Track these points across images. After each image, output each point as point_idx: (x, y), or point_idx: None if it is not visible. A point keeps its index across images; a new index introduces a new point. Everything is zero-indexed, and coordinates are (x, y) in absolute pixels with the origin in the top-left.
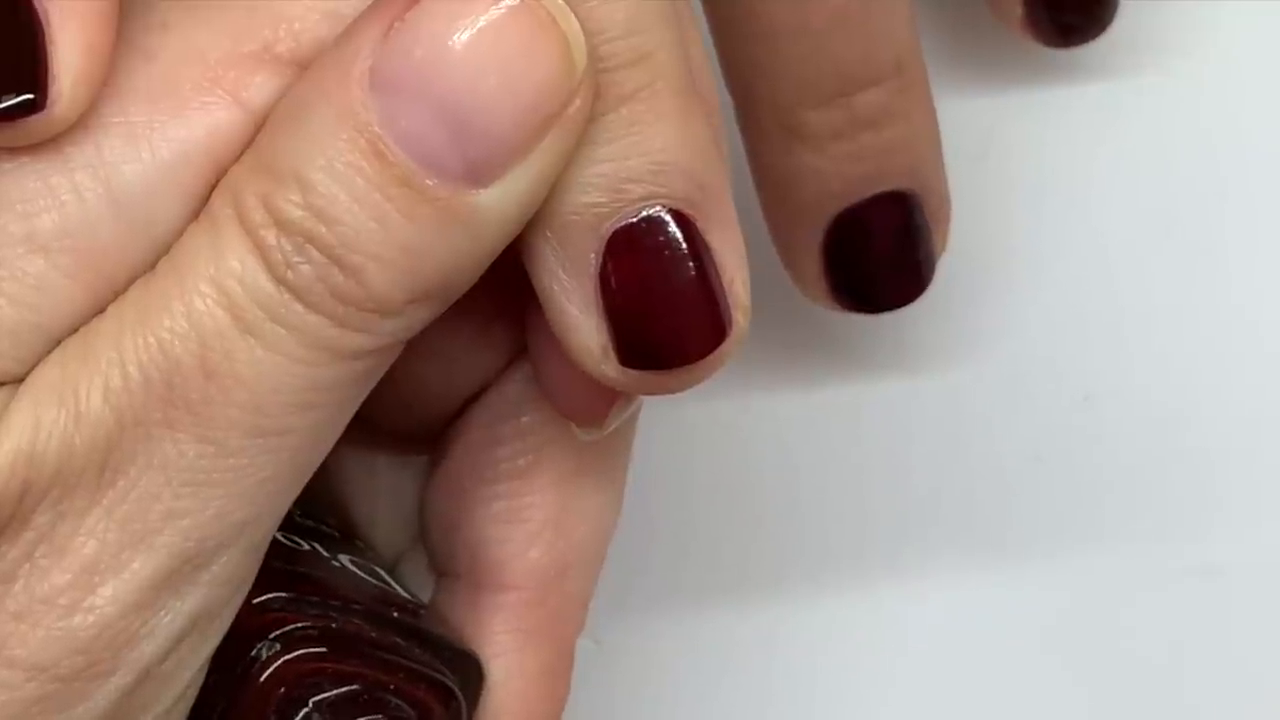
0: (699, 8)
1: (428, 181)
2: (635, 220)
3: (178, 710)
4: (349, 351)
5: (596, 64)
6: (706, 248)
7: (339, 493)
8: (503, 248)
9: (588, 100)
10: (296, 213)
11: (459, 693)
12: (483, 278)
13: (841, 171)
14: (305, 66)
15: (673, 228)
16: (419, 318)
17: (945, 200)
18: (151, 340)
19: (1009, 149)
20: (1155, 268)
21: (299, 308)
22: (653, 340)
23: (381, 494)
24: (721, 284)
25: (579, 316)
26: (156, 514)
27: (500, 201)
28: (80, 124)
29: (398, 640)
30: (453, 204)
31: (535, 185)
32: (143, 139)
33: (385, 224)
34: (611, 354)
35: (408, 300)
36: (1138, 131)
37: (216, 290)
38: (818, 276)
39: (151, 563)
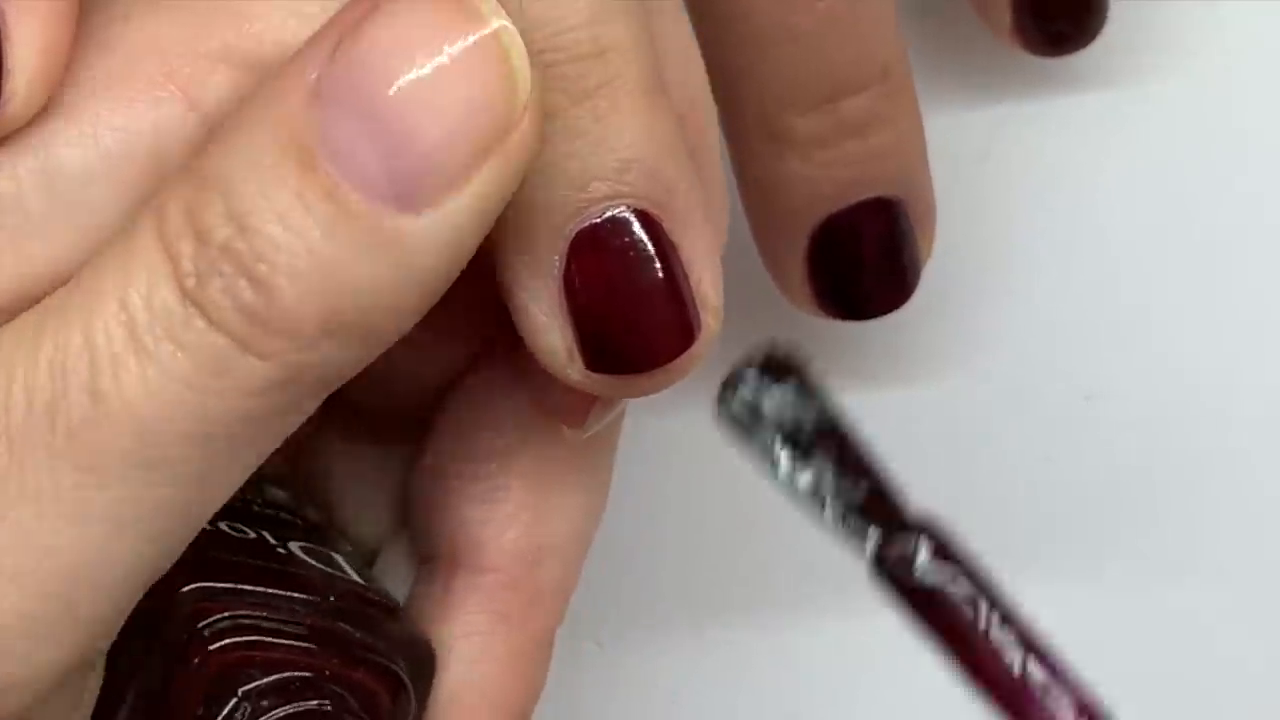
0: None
1: (352, 196)
2: (599, 220)
3: None
4: (254, 382)
5: (558, 54)
6: (673, 248)
7: (321, 479)
8: (439, 286)
9: (532, 132)
10: (216, 220)
11: (406, 678)
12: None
13: (826, 178)
14: (266, 69)
15: (637, 228)
16: (334, 355)
17: (931, 206)
18: (43, 360)
19: (1008, 155)
20: (1154, 273)
21: (200, 324)
22: (619, 343)
23: (365, 481)
24: (689, 285)
25: (543, 319)
26: (33, 549)
27: (431, 231)
28: None
29: (339, 625)
30: (377, 225)
31: (472, 219)
32: (87, 125)
33: (304, 237)
34: (577, 357)
35: (320, 327)
36: (1137, 137)
37: (118, 304)
38: (802, 283)
39: (25, 606)
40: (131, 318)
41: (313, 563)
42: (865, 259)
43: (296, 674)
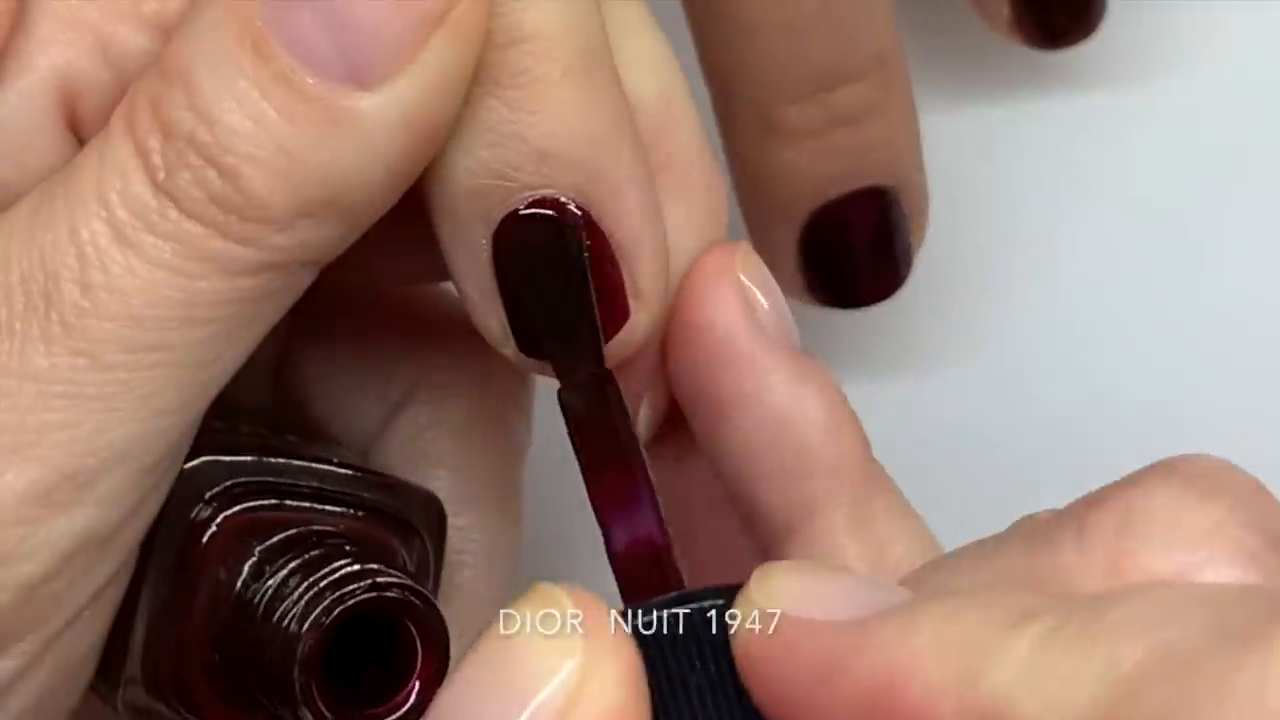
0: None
1: (308, 80)
2: (522, 209)
3: (74, 632)
4: (236, 265)
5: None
6: (600, 236)
7: (303, 394)
8: (407, 165)
9: (479, 3)
10: (181, 113)
11: (419, 528)
12: (378, 318)
13: (819, 168)
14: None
15: (556, 216)
16: (313, 236)
17: (924, 196)
18: (35, 254)
19: (1010, 152)
20: (1156, 270)
21: (175, 214)
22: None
23: (346, 387)
24: (618, 273)
25: (477, 299)
26: (31, 426)
27: (386, 108)
28: None
29: (342, 486)
30: (333, 105)
31: (426, 94)
32: (4, 74)
33: (262, 123)
34: (510, 337)
35: (294, 211)
36: (1135, 135)
37: (97, 201)
38: (794, 272)
39: (26, 475)
40: (111, 213)
41: (309, 444)
42: (857, 248)
43: (309, 529)
